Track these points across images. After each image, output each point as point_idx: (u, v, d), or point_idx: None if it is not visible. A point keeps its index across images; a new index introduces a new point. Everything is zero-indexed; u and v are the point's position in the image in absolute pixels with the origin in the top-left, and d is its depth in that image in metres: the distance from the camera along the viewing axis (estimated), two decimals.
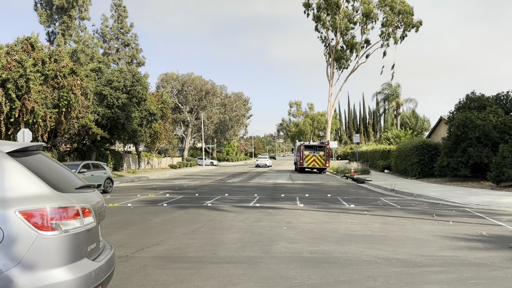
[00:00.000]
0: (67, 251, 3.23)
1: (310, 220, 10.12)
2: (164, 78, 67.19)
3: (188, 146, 69.62)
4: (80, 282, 3.20)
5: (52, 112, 23.31)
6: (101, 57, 40.03)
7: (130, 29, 59.06)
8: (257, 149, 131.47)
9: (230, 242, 7.54)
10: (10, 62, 21.98)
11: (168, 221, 10.15)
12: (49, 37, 51.79)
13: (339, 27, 44.15)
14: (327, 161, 35.91)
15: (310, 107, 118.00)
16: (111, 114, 31.40)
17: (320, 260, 6.25)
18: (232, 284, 5.07)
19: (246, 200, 14.89)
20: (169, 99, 48.93)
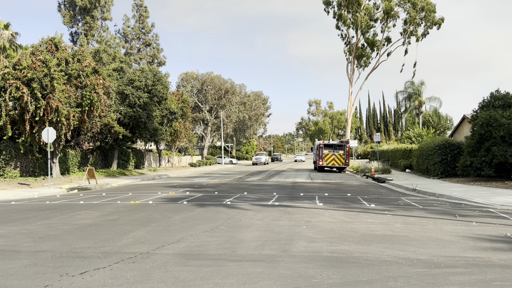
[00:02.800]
0: None
1: (330, 219, 10.07)
2: (184, 78, 67.77)
3: (207, 144, 70.07)
4: None
5: (75, 111, 23.80)
6: (123, 57, 40.66)
7: (151, 29, 59.77)
8: (276, 147, 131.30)
9: (249, 241, 7.57)
10: (35, 62, 22.55)
11: (188, 219, 10.26)
12: (72, 37, 52.90)
13: (359, 25, 43.66)
14: (347, 160, 35.59)
15: (329, 106, 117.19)
16: (132, 113, 31.89)
17: (340, 259, 6.22)
18: (252, 282, 5.10)
19: (265, 198, 14.91)
20: (189, 98, 49.33)
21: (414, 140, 42.02)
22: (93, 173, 22.60)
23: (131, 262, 6.12)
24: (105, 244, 7.39)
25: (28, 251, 6.96)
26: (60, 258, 6.43)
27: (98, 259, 6.30)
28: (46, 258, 6.40)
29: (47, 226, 9.45)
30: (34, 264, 6.06)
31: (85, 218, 10.66)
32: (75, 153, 29.20)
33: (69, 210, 12.50)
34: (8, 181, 22.82)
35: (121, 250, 6.88)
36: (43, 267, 5.89)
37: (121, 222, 9.99)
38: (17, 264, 6.07)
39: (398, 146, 41.49)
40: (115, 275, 5.46)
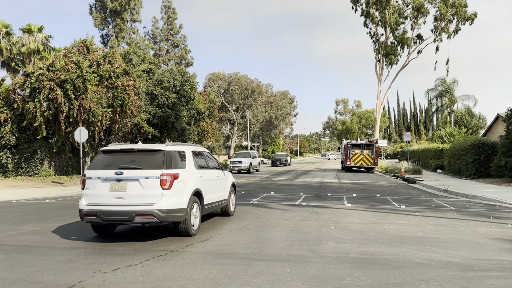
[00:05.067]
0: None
1: (359, 220, 9.94)
2: (211, 78, 68.41)
3: (234, 144, 70.47)
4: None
5: (107, 111, 24.39)
6: (152, 58, 41.42)
7: (179, 30, 60.57)
8: (302, 147, 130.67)
9: (277, 240, 7.56)
10: (68, 63, 23.24)
11: (215, 218, 10.34)
12: (103, 39, 54.23)
13: (388, 22, 42.89)
14: (375, 160, 35.02)
15: (357, 105, 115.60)
16: (161, 113, 32.42)
17: (370, 261, 6.12)
18: (280, 282, 5.09)
19: (292, 198, 14.86)
20: (216, 98, 49.73)
21: (446, 140, 40.91)
22: None
23: (161, 259, 6.23)
24: (136, 242, 7.55)
25: (63, 247, 7.19)
26: (93, 255, 6.61)
27: (129, 256, 6.44)
28: (80, 255, 6.59)
29: (82, 224, 9.72)
30: (68, 261, 6.25)
31: None
32: None
33: None
34: (43, 180, 23.63)
35: (151, 248, 7.01)
36: (76, 264, 6.07)
37: None
38: (52, 260, 6.28)
39: (429, 145, 40.51)
40: (146, 272, 5.57)
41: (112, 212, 7.36)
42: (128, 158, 7.86)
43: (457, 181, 22.15)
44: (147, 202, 7.32)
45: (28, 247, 7.22)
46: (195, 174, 8.43)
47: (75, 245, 7.38)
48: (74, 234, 8.37)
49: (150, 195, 7.36)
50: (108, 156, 8.07)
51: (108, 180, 7.56)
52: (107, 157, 8.06)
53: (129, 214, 7.25)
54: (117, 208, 7.37)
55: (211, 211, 9.50)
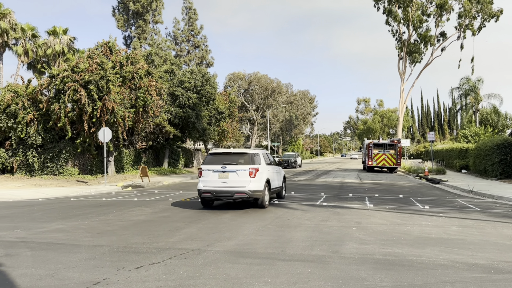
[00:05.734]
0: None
1: (381, 221, 9.81)
2: (231, 78, 68.68)
3: (254, 144, 70.56)
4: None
5: (130, 112, 24.78)
6: (173, 59, 41.88)
7: (199, 31, 61.06)
8: (323, 147, 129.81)
9: (298, 240, 7.53)
10: (91, 65, 23.71)
11: (236, 217, 10.38)
12: (125, 41, 55.15)
13: (411, 20, 42.17)
14: (398, 160, 34.49)
15: (379, 104, 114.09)
16: (182, 113, 32.75)
17: (393, 262, 6.04)
18: (302, 282, 5.07)
19: (312, 198, 14.78)
20: (236, 98, 49.91)
21: (471, 139, 39.96)
22: (146, 172, 23.46)
23: (183, 258, 6.29)
24: (158, 240, 7.65)
25: (87, 245, 7.34)
26: (116, 252, 6.73)
27: (152, 255, 6.52)
28: (104, 253, 6.72)
29: (104, 222, 9.92)
30: (93, 258, 6.38)
31: (139, 215, 11.09)
32: (129, 152, 30.44)
33: (124, 206, 13.05)
34: (67, 179, 24.19)
35: (173, 246, 7.09)
36: (101, 261, 6.19)
37: (173, 219, 10.29)
38: (77, 258, 6.42)
39: (453, 145, 39.63)
40: (169, 270, 5.63)
41: (220, 191, 11.58)
42: (228, 158, 11.95)
43: (482, 182, 21.60)
44: (241, 185, 11.46)
45: (54, 245, 7.40)
46: (266, 168, 12.41)
47: (100, 242, 7.53)
48: (99, 232, 8.54)
49: (243, 181, 11.48)
50: (214, 156, 12.18)
51: (217, 171, 11.70)
52: (213, 157, 12.17)
53: (231, 192, 11.50)
54: (223, 188, 11.56)
55: (273, 193, 13.36)
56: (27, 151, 24.84)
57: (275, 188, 13.42)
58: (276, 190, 13.69)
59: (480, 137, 38.45)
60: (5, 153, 24.85)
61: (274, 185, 13.06)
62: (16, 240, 7.86)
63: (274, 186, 13.15)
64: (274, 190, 13.31)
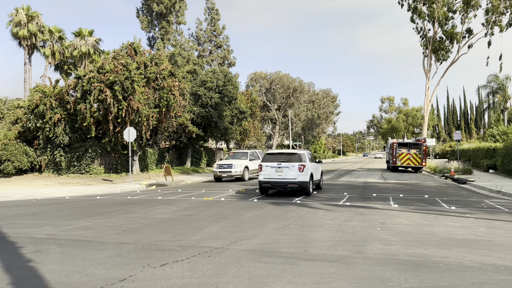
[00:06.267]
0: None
1: (406, 221, 9.65)
2: (253, 77, 68.80)
3: (275, 143, 70.49)
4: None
5: (154, 112, 25.15)
6: (196, 59, 42.25)
7: (222, 31, 61.39)
8: (345, 146, 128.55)
9: (321, 240, 7.49)
10: (117, 66, 24.16)
11: (258, 216, 10.40)
12: (149, 42, 55.96)
13: (437, 17, 41.26)
14: (423, 159, 33.82)
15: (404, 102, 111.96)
16: (205, 113, 33.02)
17: (418, 263, 5.94)
18: (325, 283, 5.05)
19: (335, 198, 14.67)
20: (257, 97, 49.97)
21: (499, 139, 38.79)
22: (170, 170, 23.76)
23: (207, 256, 6.35)
24: (182, 238, 7.75)
25: (113, 242, 7.49)
26: (142, 250, 6.85)
27: (176, 252, 6.61)
28: (129, 250, 6.85)
29: (129, 220, 10.11)
30: (119, 255, 6.51)
31: (163, 213, 11.25)
32: (153, 151, 30.89)
33: (149, 205, 13.26)
34: (94, 177, 24.73)
35: (197, 244, 7.17)
36: (127, 258, 6.31)
37: (196, 217, 10.40)
38: (104, 255, 6.56)
39: (480, 144, 38.58)
40: (193, 268, 5.70)
41: (277, 182, 15.23)
42: (281, 157, 15.65)
43: (511, 182, 20.97)
44: (293, 178, 15.01)
45: (81, 241, 7.59)
46: (310, 165, 15.91)
47: (125, 240, 7.68)
48: (124, 229, 8.71)
49: (294, 174, 15.00)
50: (271, 156, 15.97)
51: (274, 167, 15.27)
52: (270, 156, 15.96)
53: (285, 183, 15.12)
54: (279, 180, 15.19)
55: (314, 184, 16.93)
56: (55, 150, 25.52)
57: (316, 180, 17.18)
58: (316, 182, 17.40)
59: (509, 136, 37.29)
60: (33, 152, 25.60)
61: (315, 178, 16.84)
62: (45, 237, 8.10)
63: (315, 179, 16.96)
64: (315, 182, 17.03)
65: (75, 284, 5.07)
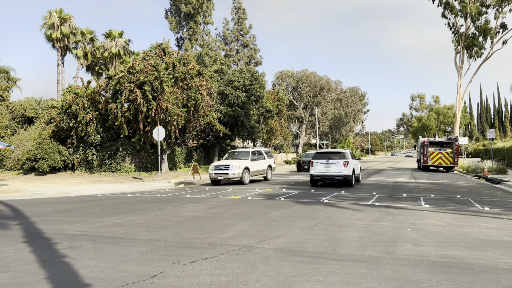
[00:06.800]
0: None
1: (438, 222, 9.43)
2: (279, 76, 68.62)
3: (302, 142, 70.12)
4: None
5: (182, 111, 25.50)
6: (223, 59, 42.55)
7: (248, 30, 61.53)
8: (374, 145, 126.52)
9: (350, 240, 7.42)
10: (146, 66, 24.64)
11: (286, 215, 10.39)
12: (178, 42, 56.73)
13: (469, 12, 40.02)
14: (455, 159, 32.89)
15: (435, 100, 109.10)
16: (232, 112, 33.21)
17: (451, 265, 5.79)
18: (355, 283, 5.00)
19: (364, 198, 14.48)
20: (284, 96, 49.85)
21: None
22: (197, 169, 24.05)
23: (235, 254, 6.40)
24: (210, 236, 7.83)
25: (144, 239, 7.66)
26: (171, 247, 6.97)
27: (205, 250, 6.70)
28: (160, 247, 6.98)
29: (159, 217, 10.30)
30: (150, 252, 6.65)
31: (191, 211, 11.41)
32: (181, 150, 31.34)
33: (177, 202, 13.47)
34: (124, 175, 25.31)
35: (225, 242, 7.24)
36: (157, 255, 6.44)
37: (224, 215, 10.49)
38: (135, 251, 6.72)
39: None
40: (221, 265, 5.76)
41: (325, 175, 18.82)
42: (329, 155, 19.36)
43: None
44: (339, 172, 18.58)
45: (113, 238, 7.79)
46: (352, 161, 19.44)
47: (156, 237, 7.83)
48: (155, 227, 8.88)
49: (340, 169, 18.57)
50: (320, 154, 19.76)
51: (323, 163, 18.94)
52: (319, 154, 19.74)
53: (332, 176, 18.66)
54: (327, 174, 18.79)
55: (355, 178, 20.46)
56: (87, 149, 26.27)
57: (357, 174, 20.85)
58: (357, 175, 20.98)
59: None
60: (66, 151, 26.43)
61: (356, 172, 20.44)
62: (78, 233, 8.36)
63: (356, 173, 20.58)
64: (356, 175, 20.63)
65: (108, 279, 5.21)
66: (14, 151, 27.85)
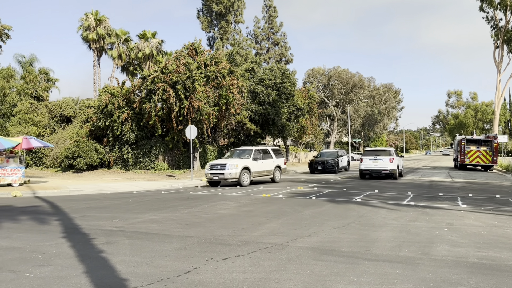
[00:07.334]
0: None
1: (476, 222, 9.11)
2: (310, 74, 68.11)
3: (333, 140, 69.33)
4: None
5: (213, 110, 25.77)
6: (254, 57, 42.63)
7: (279, 28, 61.39)
8: (408, 143, 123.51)
9: (384, 240, 7.29)
10: (179, 66, 25.05)
11: (317, 214, 10.32)
12: (209, 41, 57.32)
13: (509, 5, 38.36)
14: (494, 157, 31.66)
15: (472, 97, 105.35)
16: (262, 110, 33.25)
17: (490, 267, 5.59)
18: (390, 284, 4.91)
19: (398, 197, 14.18)
20: (315, 94, 49.43)
21: None
22: None
23: (267, 252, 6.42)
24: (242, 233, 7.89)
25: (178, 235, 7.80)
26: (204, 243, 7.07)
27: (237, 247, 6.75)
28: (193, 243, 7.09)
29: (192, 214, 10.46)
30: (184, 248, 6.76)
31: (223, 208, 11.53)
32: (212, 149, 31.68)
33: (209, 200, 13.64)
34: (158, 173, 25.84)
35: (257, 240, 7.27)
36: (191, 251, 6.54)
37: (255, 213, 10.54)
38: (169, 247, 6.85)
39: None
40: (254, 263, 5.79)
41: (373, 169, 22.86)
42: (376, 152, 23.35)
43: None
44: (385, 167, 22.51)
45: (148, 234, 7.98)
46: (396, 158, 23.01)
47: (189, 233, 7.96)
48: (188, 223, 9.03)
49: (386, 164, 22.50)
50: (369, 151, 23.66)
51: (371, 159, 22.89)
52: (368, 152, 23.71)
53: (379, 170, 22.65)
54: (375, 168, 22.77)
55: (399, 173, 23.79)
56: (122, 147, 26.99)
57: (400, 169, 24.22)
58: (400, 170, 24.34)
59: None
60: (103, 149, 27.25)
61: (399, 168, 23.88)
62: (115, 229, 8.60)
63: (400, 168, 24.04)
64: (399, 170, 23.99)
65: (144, 274, 5.34)
66: (53, 149, 28.96)
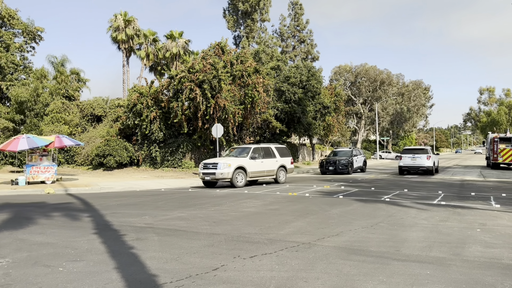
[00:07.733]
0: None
1: (510, 223, 8.81)
2: (337, 71, 67.40)
3: (361, 138, 68.41)
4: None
5: (239, 108, 25.88)
6: (280, 56, 42.54)
7: (305, 25, 61.02)
8: (438, 141, 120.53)
9: (414, 241, 7.14)
10: (205, 65, 25.28)
11: (345, 213, 10.22)
12: (235, 40, 57.56)
13: None
14: None
15: (506, 94, 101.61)
16: (288, 108, 33.16)
17: None
18: (420, 284, 4.81)
19: (428, 197, 13.86)
20: (342, 91, 48.88)
21: None
22: None
23: (294, 250, 6.41)
24: (269, 232, 7.90)
25: (205, 233, 7.89)
26: (232, 241, 7.12)
27: (264, 245, 6.77)
28: (220, 241, 7.16)
29: (219, 212, 10.55)
30: (211, 245, 6.84)
31: (250, 206, 11.57)
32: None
33: (236, 198, 13.72)
34: (185, 171, 26.18)
35: (284, 239, 7.26)
36: (218, 248, 6.60)
37: (281, 212, 10.53)
38: (197, 244, 6.94)
39: None
40: (281, 261, 5.79)
41: (412, 166, 25.40)
42: (415, 151, 26.09)
43: None
44: (422, 164, 25.05)
45: (176, 231, 8.10)
46: (433, 156, 25.77)
47: (216, 231, 8.04)
48: (215, 221, 9.12)
49: (423, 161, 25.02)
50: (407, 150, 26.39)
51: (409, 157, 25.50)
52: (407, 150, 26.43)
53: (417, 167, 25.20)
54: (413, 165, 25.34)
55: (435, 169, 26.09)
56: (151, 146, 27.48)
57: (436, 166, 27.01)
58: (436, 167, 26.82)
59: None
60: (132, 148, 27.82)
61: (435, 165, 26.48)
62: (144, 226, 8.78)
63: (436, 165, 26.80)
64: (436, 167, 26.72)
65: (173, 271, 5.43)
66: (84, 148, 29.78)
